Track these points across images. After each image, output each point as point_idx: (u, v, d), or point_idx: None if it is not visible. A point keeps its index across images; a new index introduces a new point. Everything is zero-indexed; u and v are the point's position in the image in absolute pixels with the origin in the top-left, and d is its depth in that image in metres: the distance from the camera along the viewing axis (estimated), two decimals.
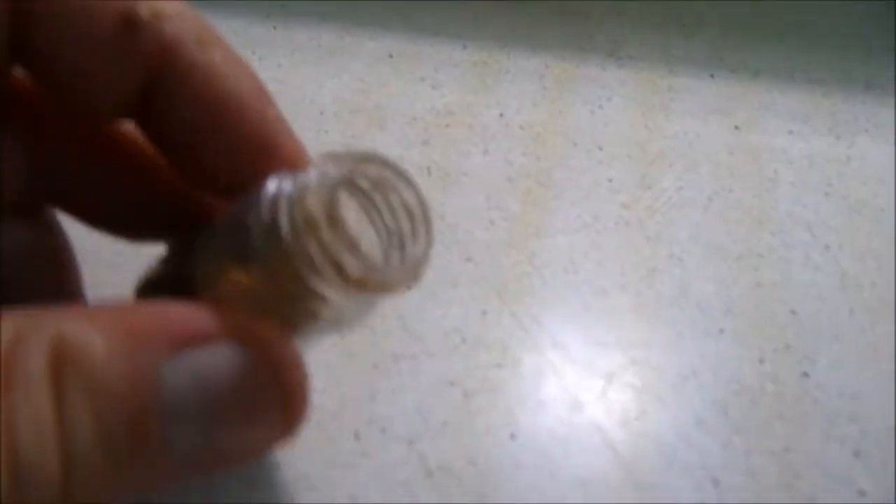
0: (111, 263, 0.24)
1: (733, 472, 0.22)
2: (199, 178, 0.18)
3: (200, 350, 0.14)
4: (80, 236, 0.20)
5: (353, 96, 0.35)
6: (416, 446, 0.23)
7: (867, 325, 0.27)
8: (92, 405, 0.13)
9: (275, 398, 0.15)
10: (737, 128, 0.35)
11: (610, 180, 0.32)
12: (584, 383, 0.24)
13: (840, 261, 0.29)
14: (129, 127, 0.18)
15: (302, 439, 0.21)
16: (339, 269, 0.16)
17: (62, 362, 0.13)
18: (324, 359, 0.24)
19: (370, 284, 0.16)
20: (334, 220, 0.16)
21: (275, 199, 0.16)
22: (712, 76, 0.38)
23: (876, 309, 0.27)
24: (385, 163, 0.17)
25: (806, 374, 0.25)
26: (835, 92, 0.38)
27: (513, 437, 0.23)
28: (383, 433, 0.23)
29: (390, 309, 0.26)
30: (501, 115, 0.35)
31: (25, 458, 0.12)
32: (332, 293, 0.17)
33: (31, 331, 0.13)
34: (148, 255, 0.20)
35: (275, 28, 0.38)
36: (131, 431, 0.14)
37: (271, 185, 0.16)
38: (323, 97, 0.35)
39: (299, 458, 0.22)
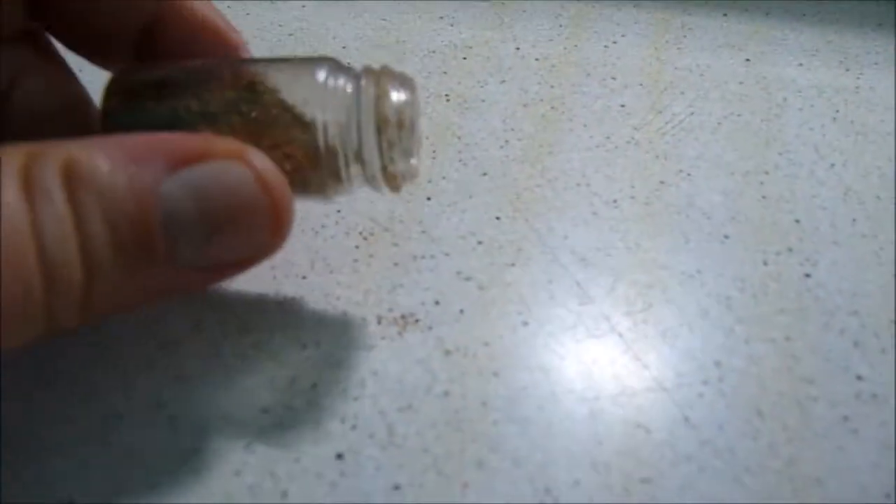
0: None
1: (734, 356, 0.24)
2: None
3: (197, 167, 0.16)
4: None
5: (374, 33, 0.37)
6: (434, 331, 0.24)
7: (868, 233, 0.28)
8: (103, 215, 0.15)
9: (264, 206, 0.17)
10: (748, 60, 0.36)
11: (622, 106, 0.33)
12: (593, 279, 0.26)
13: (844, 177, 0.30)
14: None
15: (325, 324, 0.23)
16: (391, 166, 0.19)
17: (73, 179, 0.15)
18: (347, 259, 0.26)
19: (394, 183, 0.20)
20: (404, 125, 0.20)
21: (340, 92, 0.20)
22: (725, 15, 0.39)
23: (878, 219, 0.28)
24: (413, 87, 0.21)
25: (808, 275, 0.26)
26: (846, 30, 0.38)
27: (525, 323, 0.24)
28: (403, 319, 0.24)
29: (409, 217, 0.28)
30: (518, 48, 0.36)
31: (52, 259, 0.14)
32: (355, 180, 0.20)
33: (42, 155, 0.15)
34: None
35: None
36: (139, 239, 0.16)
37: (321, 75, 0.20)
38: (345, 34, 0.37)
39: (324, 338, 0.24)
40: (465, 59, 0.35)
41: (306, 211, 0.28)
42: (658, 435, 0.22)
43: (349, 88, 0.20)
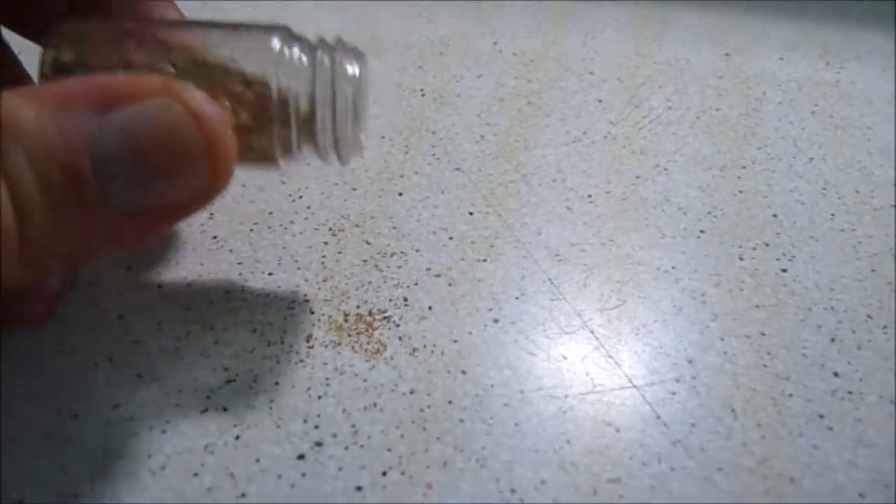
0: None
1: (708, 353, 0.23)
2: None
3: (128, 108, 0.15)
4: None
5: (352, 28, 0.36)
6: (402, 328, 0.23)
7: (847, 227, 0.27)
8: (30, 162, 0.14)
9: (199, 143, 0.16)
10: (727, 55, 0.36)
11: (600, 101, 0.33)
12: (566, 275, 0.25)
13: (823, 171, 0.30)
14: None
15: (291, 322, 0.22)
16: (342, 137, 0.19)
17: None
18: (315, 255, 0.25)
19: (343, 152, 0.19)
20: (355, 98, 0.20)
21: (295, 62, 0.19)
22: (705, 10, 0.39)
23: (857, 213, 0.28)
24: (365, 62, 0.21)
25: (784, 270, 0.26)
26: (827, 24, 0.38)
27: (495, 320, 0.24)
28: (371, 316, 0.24)
29: (380, 212, 0.27)
30: (495, 43, 0.36)
31: None
32: (304, 147, 0.19)
33: None
34: None
35: None
36: (69, 184, 0.15)
37: (275, 42, 0.19)
38: (323, 29, 0.36)
39: (288, 336, 0.23)
40: (441, 54, 0.35)
41: (274, 206, 0.27)
42: (628, 434, 0.21)
43: (304, 58, 0.20)
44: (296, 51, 0.20)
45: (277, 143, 0.20)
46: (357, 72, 0.20)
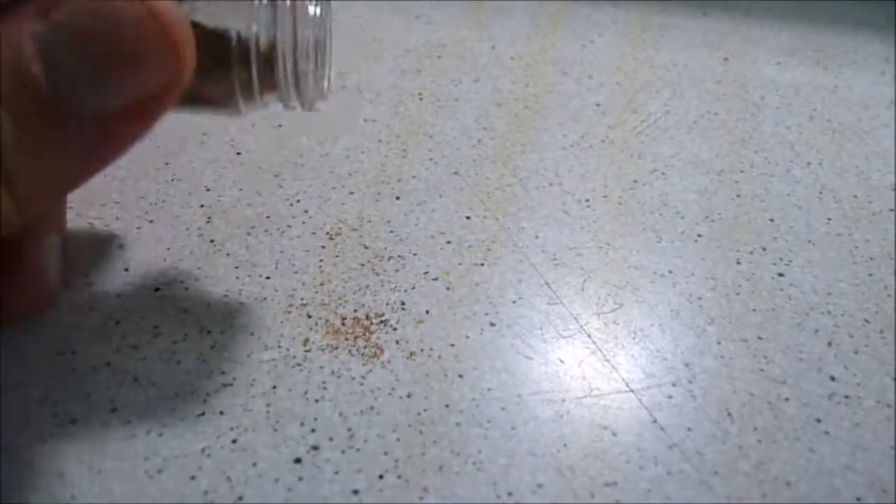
0: None
1: (705, 356, 0.23)
2: None
3: (70, 5, 0.15)
4: None
5: (350, 32, 0.36)
6: (399, 332, 0.23)
7: (844, 232, 0.27)
8: None
9: (154, 28, 0.15)
10: (725, 59, 0.36)
11: (597, 105, 0.33)
12: (563, 279, 0.25)
13: (820, 176, 0.30)
14: None
15: (288, 326, 0.22)
16: (303, 79, 0.20)
17: None
18: (313, 259, 0.25)
19: (306, 96, 0.19)
20: (318, 39, 0.20)
21: (254, 4, 0.19)
22: (704, 14, 0.39)
23: (854, 218, 0.28)
24: (328, 5, 0.21)
25: (781, 275, 0.26)
26: (824, 29, 0.38)
27: (492, 324, 0.24)
28: (368, 320, 0.24)
29: (377, 216, 0.27)
30: (493, 47, 0.36)
31: None
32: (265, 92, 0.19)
33: None
34: None
35: None
36: (26, 95, 0.14)
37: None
38: None
39: (285, 340, 0.23)
40: (439, 57, 0.35)
41: (272, 210, 0.27)
42: (625, 437, 0.21)
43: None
44: None
45: (238, 86, 0.19)
46: (319, 12, 0.20)
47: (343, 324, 0.24)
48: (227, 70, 0.19)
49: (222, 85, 0.19)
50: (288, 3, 0.20)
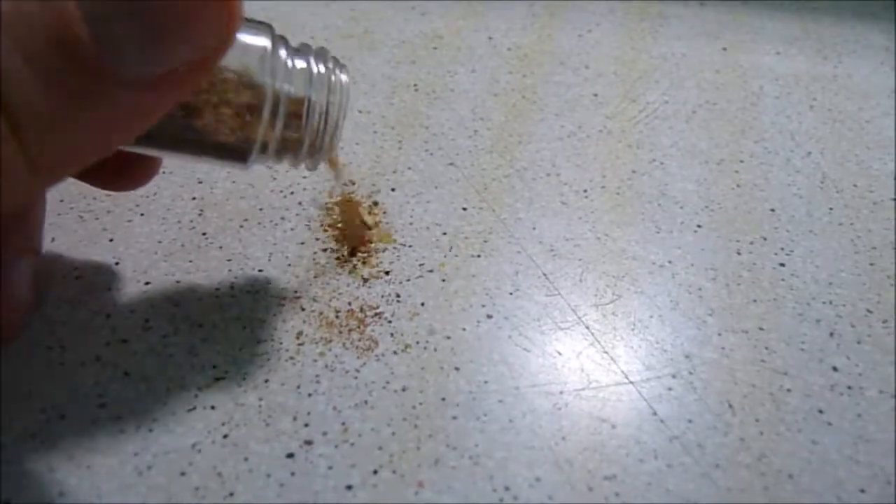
0: None
1: (705, 348, 0.23)
2: None
3: None
4: None
5: (344, 23, 0.36)
6: (394, 324, 0.23)
7: (845, 221, 0.27)
8: (15, 44, 0.13)
9: None
10: (724, 49, 0.35)
11: (595, 95, 0.32)
12: (561, 270, 0.25)
13: (821, 165, 0.29)
14: None
15: (281, 319, 0.22)
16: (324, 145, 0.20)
17: None
18: (306, 251, 0.25)
19: (319, 159, 0.19)
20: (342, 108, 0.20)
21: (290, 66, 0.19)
22: (702, 3, 0.38)
23: (855, 207, 0.28)
24: (348, 72, 0.21)
25: (782, 265, 0.25)
26: (824, 18, 0.38)
27: (489, 316, 0.23)
28: (363, 313, 0.23)
29: (373, 208, 0.27)
30: (490, 38, 0.35)
31: None
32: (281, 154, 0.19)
33: None
34: None
35: None
36: (64, 56, 0.13)
37: (266, 42, 0.18)
38: (314, 24, 0.36)
39: (279, 333, 0.23)
40: (435, 48, 0.35)
41: (265, 203, 0.27)
42: (624, 430, 0.21)
43: (297, 62, 0.19)
44: (285, 53, 0.19)
45: (260, 137, 0.19)
46: (346, 80, 0.20)
47: (337, 316, 0.23)
48: (254, 123, 0.19)
49: (242, 133, 0.19)
50: (322, 69, 0.19)
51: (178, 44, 0.15)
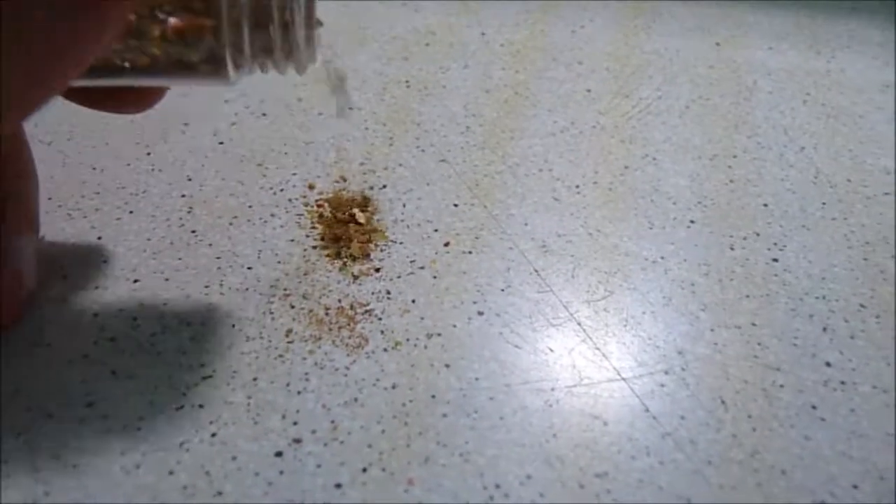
0: None
1: (698, 343, 0.23)
2: None
3: None
4: None
5: (335, 19, 0.36)
6: (385, 322, 0.23)
7: (838, 216, 0.27)
8: None
9: None
10: (718, 44, 0.35)
11: (588, 90, 0.32)
12: (553, 267, 0.25)
13: (815, 160, 0.29)
14: None
15: (270, 316, 0.22)
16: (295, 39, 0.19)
17: None
18: (296, 248, 0.25)
19: (300, 58, 0.18)
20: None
21: None
22: (696, 0, 0.38)
23: (848, 202, 0.27)
24: None
25: (775, 260, 0.25)
26: (817, 13, 0.37)
27: (480, 313, 0.23)
28: (353, 310, 0.23)
29: (363, 205, 0.27)
30: (483, 34, 0.35)
31: None
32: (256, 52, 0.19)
33: None
34: None
35: None
36: None
37: None
38: None
39: (268, 331, 0.22)
40: (427, 44, 0.34)
41: (254, 200, 0.27)
42: (616, 427, 0.21)
43: None
44: None
45: (228, 49, 0.18)
46: None
47: (327, 314, 0.23)
48: (218, 32, 0.18)
49: (212, 49, 0.18)
50: None
51: None
